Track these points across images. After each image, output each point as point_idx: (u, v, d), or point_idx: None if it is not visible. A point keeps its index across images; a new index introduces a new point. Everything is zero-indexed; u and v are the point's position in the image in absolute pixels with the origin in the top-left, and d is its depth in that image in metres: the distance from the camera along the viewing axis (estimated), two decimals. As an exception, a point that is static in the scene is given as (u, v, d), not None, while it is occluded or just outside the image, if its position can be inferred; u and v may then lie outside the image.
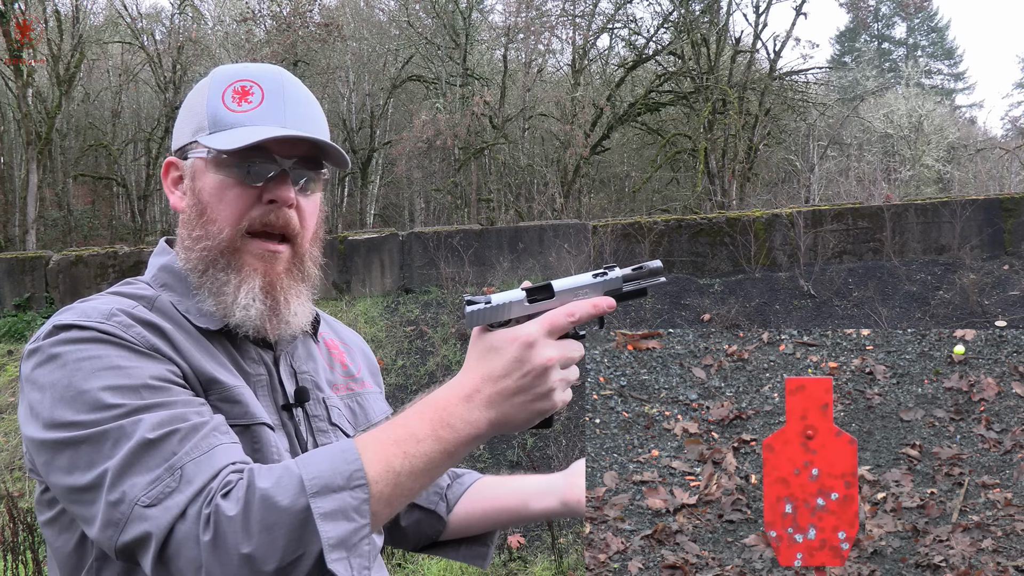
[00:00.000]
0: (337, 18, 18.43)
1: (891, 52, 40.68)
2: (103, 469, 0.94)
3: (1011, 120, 37.10)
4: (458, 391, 1.01)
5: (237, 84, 1.14)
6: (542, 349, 1.00)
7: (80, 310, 1.06)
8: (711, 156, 16.57)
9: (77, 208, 21.21)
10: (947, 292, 8.20)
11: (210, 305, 1.12)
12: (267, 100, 1.14)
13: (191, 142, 1.15)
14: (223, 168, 1.12)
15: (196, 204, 1.14)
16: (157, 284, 1.16)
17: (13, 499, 5.07)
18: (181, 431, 0.96)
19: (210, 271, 1.12)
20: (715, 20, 17.52)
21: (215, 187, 1.12)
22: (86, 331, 1.02)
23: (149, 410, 0.97)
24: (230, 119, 1.12)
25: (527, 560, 5.45)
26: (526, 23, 17.14)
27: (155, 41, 20.40)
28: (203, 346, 1.10)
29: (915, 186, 21.50)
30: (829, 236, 9.09)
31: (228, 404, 1.07)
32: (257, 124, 1.12)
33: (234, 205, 1.12)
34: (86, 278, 9.64)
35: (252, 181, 1.11)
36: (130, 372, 1.00)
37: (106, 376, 0.99)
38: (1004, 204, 9.10)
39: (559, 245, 9.35)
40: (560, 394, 1.03)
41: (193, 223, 1.14)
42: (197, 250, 1.13)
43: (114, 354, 1.01)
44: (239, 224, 1.12)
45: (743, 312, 8.13)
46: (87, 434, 0.96)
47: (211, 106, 1.14)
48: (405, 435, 0.98)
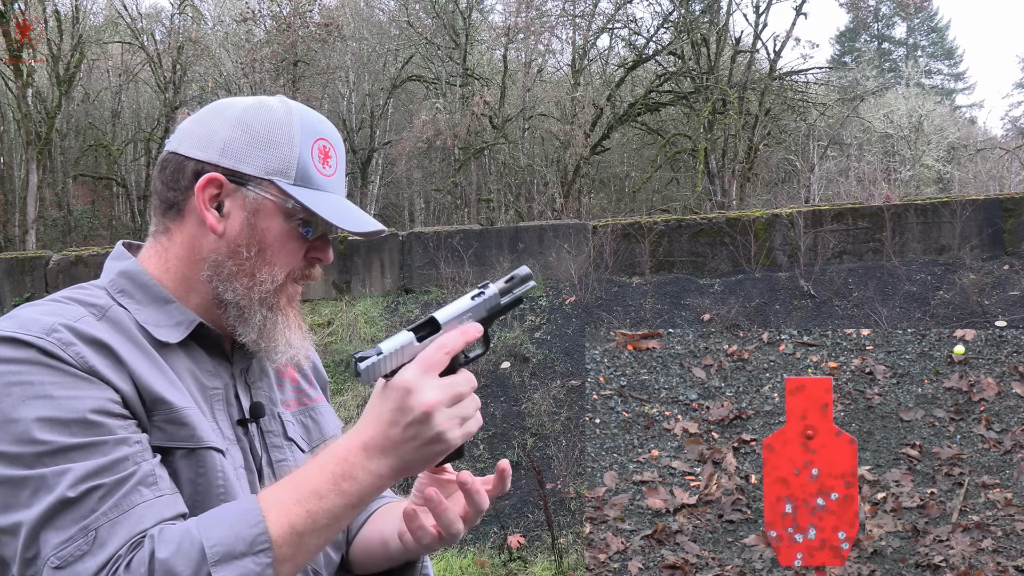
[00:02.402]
0: (337, 18, 18.44)
1: (891, 52, 40.68)
2: (20, 520, 0.92)
3: (1011, 120, 37.11)
4: (355, 441, 1.00)
5: (321, 143, 1.17)
6: (420, 394, 0.99)
7: (21, 320, 1.02)
8: (711, 156, 16.57)
9: (77, 208, 21.21)
10: (947, 292, 8.20)
11: (251, 338, 1.15)
12: (338, 168, 1.19)
13: (261, 178, 1.13)
14: (289, 219, 1.14)
15: (255, 243, 1.13)
16: (115, 290, 1.14)
17: None
18: (103, 488, 0.94)
19: (262, 310, 1.14)
20: (715, 20, 17.52)
21: (280, 235, 1.14)
22: (22, 348, 0.98)
23: (76, 455, 0.94)
24: (318, 180, 1.15)
25: (527, 560, 5.45)
26: (526, 23, 17.15)
27: (155, 41, 20.41)
28: (153, 361, 1.07)
29: (915, 186, 21.50)
30: (829, 236, 9.09)
31: (174, 426, 1.05)
32: (332, 192, 1.17)
33: (292, 256, 1.15)
34: (86, 278, 9.55)
35: (309, 237, 1.16)
36: (63, 404, 0.96)
37: (37, 406, 0.95)
38: (1004, 204, 9.10)
39: (559, 245, 9.35)
40: (454, 433, 1.01)
41: (250, 260, 1.14)
42: (253, 288, 1.14)
43: (48, 380, 0.97)
44: (289, 272, 1.16)
45: (743, 312, 8.13)
46: (7, 475, 0.93)
47: (302, 157, 1.14)
48: (308, 492, 0.97)
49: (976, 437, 4.58)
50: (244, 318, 1.14)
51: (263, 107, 1.15)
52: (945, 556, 4.02)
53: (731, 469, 4.53)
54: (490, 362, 7.90)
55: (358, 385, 7.99)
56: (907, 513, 4.27)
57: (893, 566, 4.00)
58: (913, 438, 4.62)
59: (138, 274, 1.15)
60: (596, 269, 9.17)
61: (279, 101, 1.18)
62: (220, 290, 1.14)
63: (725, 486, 4.43)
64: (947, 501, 4.30)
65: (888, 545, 4.10)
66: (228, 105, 1.17)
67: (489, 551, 5.61)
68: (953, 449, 4.51)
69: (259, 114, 1.14)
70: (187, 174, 1.13)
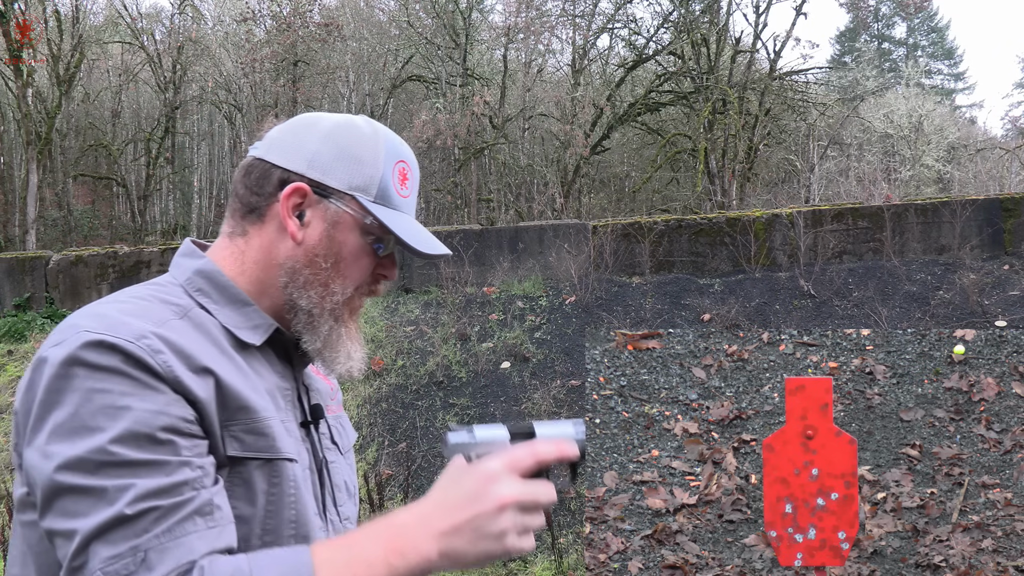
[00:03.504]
0: (337, 18, 18.44)
1: (891, 52, 40.67)
2: (75, 527, 0.94)
3: (1011, 120, 37.11)
4: (414, 515, 1.01)
5: (401, 165, 1.21)
6: (500, 486, 0.99)
7: (110, 321, 1.02)
8: (711, 156, 16.57)
9: (77, 208, 21.21)
10: (947, 292, 8.20)
11: (315, 347, 1.17)
12: (413, 191, 1.23)
13: (344, 192, 1.17)
14: (365, 235, 1.18)
15: (332, 254, 1.17)
16: (192, 288, 1.15)
17: (13, 499, 5.07)
18: (160, 510, 0.94)
19: (330, 320, 1.17)
20: (715, 20, 17.52)
21: (356, 249, 1.18)
22: (110, 353, 0.98)
23: (141, 471, 0.95)
24: (396, 200, 1.19)
25: (527, 560, 5.45)
26: (526, 23, 17.15)
27: (155, 41, 20.41)
28: (237, 365, 1.09)
29: (915, 186, 21.50)
30: (829, 236, 9.09)
31: (253, 436, 1.06)
32: (407, 213, 1.21)
33: (363, 271, 1.19)
34: (86, 278, 9.64)
35: (379, 255, 1.20)
36: (139, 417, 0.97)
37: (114, 416, 0.96)
38: (1004, 204, 9.10)
39: (559, 245, 9.35)
40: (513, 540, 1.00)
41: (325, 270, 1.17)
42: (326, 298, 1.17)
43: (129, 390, 0.97)
44: (358, 286, 1.20)
45: (743, 312, 8.13)
46: (74, 482, 0.94)
47: (384, 177, 1.18)
48: (359, 557, 0.97)
49: (976, 437, 4.58)
50: (313, 326, 1.17)
51: (352, 125, 1.20)
52: (945, 556, 4.02)
53: (731, 469, 4.54)
54: (490, 362, 7.91)
55: (358, 386, 7.99)
56: (907, 513, 4.28)
57: (893, 566, 4.00)
58: (913, 438, 4.62)
59: (215, 274, 1.16)
60: (596, 269, 9.17)
61: (365, 121, 1.22)
62: (295, 296, 1.16)
63: (725, 486, 4.43)
64: (947, 501, 4.30)
65: (888, 545, 4.11)
66: (318, 119, 1.21)
67: (489, 551, 5.62)
68: (953, 449, 4.52)
69: (348, 131, 1.18)
70: (273, 181, 1.17)
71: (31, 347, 8.96)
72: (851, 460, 2.15)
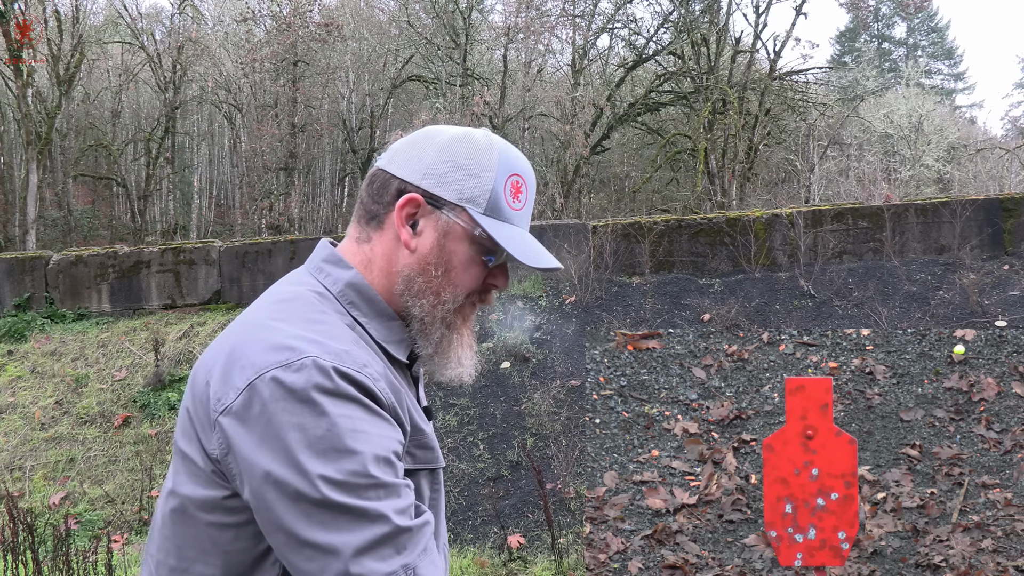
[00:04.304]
0: (337, 18, 18.44)
1: (891, 52, 40.68)
2: (342, 543, 1.01)
3: (1011, 120, 37.13)
4: None
5: (515, 178, 1.24)
6: None
7: (331, 349, 1.07)
8: (711, 156, 16.58)
9: (77, 208, 21.22)
10: (947, 292, 8.20)
11: (427, 352, 1.22)
12: (527, 204, 1.26)
13: (455, 203, 1.21)
14: (474, 245, 1.21)
15: (443, 263, 1.21)
16: (345, 301, 1.21)
17: (13, 499, 5.07)
18: (412, 530, 1.04)
19: (441, 327, 1.22)
20: (715, 20, 17.52)
21: (465, 259, 1.22)
22: (345, 382, 1.05)
23: (392, 493, 1.04)
24: (506, 212, 1.22)
25: (527, 560, 5.45)
26: (526, 23, 17.15)
27: (155, 41, 20.41)
28: (398, 383, 1.17)
29: (915, 186, 21.51)
30: (829, 236, 9.09)
31: (423, 450, 1.17)
32: (518, 225, 1.24)
33: (474, 280, 1.23)
34: (86, 278, 9.64)
35: (489, 265, 1.24)
36: (378, 442, 1.05)
37: (362, 441, 1.03)
38: (1004, 204, 9.10)
39: (559, 245, 9.36)
40: None
41: (436, 278, 1.21)
42: (434, 304, 1.21)
43: (365, 416, 1.05)
44: (469, 295, 1.24)
45: (743, 312, 8.13)
46: (337, 500, 1.01)
47: (496, 189, 1.22)
48: None
49: (976, 437, 4.58)
50: (425, 333, 1.22)
51: (468, 138, 1.24)
52: (945, 556, 4.02)
53: (731, 469, 4.53)
54: (490, 362, 7.91)
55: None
56: (907, 513, 4.27)
57: (893, 566, 4.00)
58: (913, 438, 4.62)
59: (365, 288, 1.22)
60: (596, 269, 9.18)
61: (483, 134, 1.25)
62: (409, 304, 1.21)
63: (725, 486, 4.43)
64: (947, 501, 4.30)
65: (888, 545, 4.10)
66: (438, 132, 1.25)
67: (489, 551, 5.61)
68: (953, 449, 4.51)
69: (463, 144, 1.23)
70: (391, 191, 1.22)
71: (31, 347, 8.96)
72: (851, 460, 2.15)
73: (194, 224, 23.14)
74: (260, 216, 17.63)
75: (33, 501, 6.58)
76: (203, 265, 9.44)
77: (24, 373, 8.49)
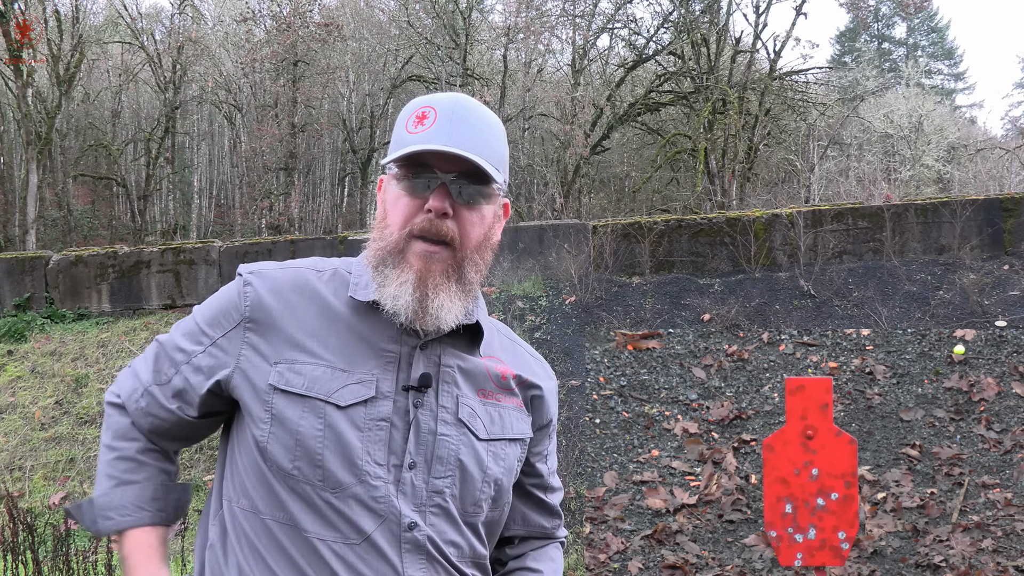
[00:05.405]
0: (337, 18, 18.44)
1: (891, 52, 40.67)
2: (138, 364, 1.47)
3: (1011, 120, 37.11)
4: None
5: (419, 110, 1.29)
6: None
7: None
8: (711, 156, 16.58)
9: (77, 208, 21.22)
10: (947, 292, 8.20)
11: (374, 293, 1.30)
12: (437, 123, 1.27)
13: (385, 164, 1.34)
14: (398, 181, 1.29)
15: (381, 211, 1.33)
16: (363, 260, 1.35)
17: (13, 499, 5.07)
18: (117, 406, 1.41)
19: (380, 267, 1.29)
20: (715, 20, 17.52)
21: (392, 197, 1.31)
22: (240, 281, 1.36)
23: None
24: (406, 140, 1.28)
25: (527, 560, 5.44)
26: (526, 23, 17.15)
27: (155, 41, 20.41)
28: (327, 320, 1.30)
29: (915, 186, 21.51)
30: (829, 236, 9.09)
31: (292, 374, 1.27)
32: (423, 144, 1.25)
33: (402, 213, 1.29)
34: (86, 278, 9.64)
35: (417, 192, 1.28)
36: (201, 322, 1.35)
37: (182, 324, 1.37)
38: (1004, 204, 9.10)
39: (559, 245, 9.35)
40: None
41: (378, 226, 1.33)
42: (375, 248, 1.31)
43: (205, 310, 1.36)
44: (404, 228, 1.28)
45: (743, 312, 8.13)
46: None
47: (397, 131, 1.31)
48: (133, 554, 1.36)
49: (976, 437, 4.58)
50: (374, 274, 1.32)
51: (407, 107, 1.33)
52: (945, 556, 4.02)
53: (731, 469, 4.53)
54: (490, 362, 7.90)
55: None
56: (907, 513, 4.27)
57: (893, 566, 4.00)
58: (913, 438, 4.61)
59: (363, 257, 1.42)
60: (596, 269, 9.18)
61: (431, 97, 1.32)
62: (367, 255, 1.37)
63: (725, 486, 4.42)
64: (947, 501, 4.30)
65: (888, 545, 4.10)
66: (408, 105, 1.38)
67: (489, 551, 5.62)
68: (953, 449, 4.51)
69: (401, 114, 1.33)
70: None
71: (31, 347, 8.96)
72: (851, 460, 2.15)
73: (194, 224, 23.14)
74: (260, 216, 17.63)
75: (33, 501, 6.58)
76: (203, 265, 9.44)
77: (24, 373, 8.49)
